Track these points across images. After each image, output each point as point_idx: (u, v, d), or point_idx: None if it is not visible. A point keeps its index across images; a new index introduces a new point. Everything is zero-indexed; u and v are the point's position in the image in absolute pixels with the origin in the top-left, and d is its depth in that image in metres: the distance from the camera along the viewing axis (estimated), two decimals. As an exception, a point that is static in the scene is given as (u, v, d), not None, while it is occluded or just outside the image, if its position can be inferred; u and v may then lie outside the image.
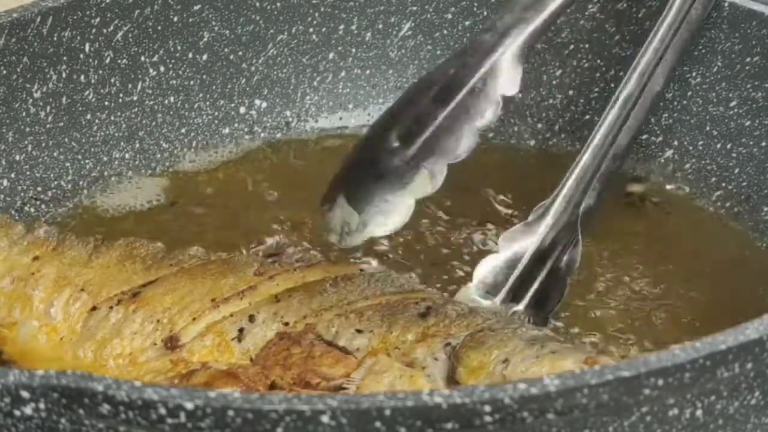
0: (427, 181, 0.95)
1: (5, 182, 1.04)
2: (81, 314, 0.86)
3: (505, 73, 0.98)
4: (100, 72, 1.08)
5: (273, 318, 0.83)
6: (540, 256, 0.96)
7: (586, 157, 1.00)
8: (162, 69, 1.11)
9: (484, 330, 0.80)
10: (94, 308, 0.86)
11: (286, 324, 0.83)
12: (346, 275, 0.86)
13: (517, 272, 0.95)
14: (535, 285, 0.94)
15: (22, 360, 0.85)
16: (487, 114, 0.97)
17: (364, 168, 0.97)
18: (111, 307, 0.85)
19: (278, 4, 1.13)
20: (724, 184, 1.06)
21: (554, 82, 1.14)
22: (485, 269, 0.95)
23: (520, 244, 0.97)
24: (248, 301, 0.84)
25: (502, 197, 1.06)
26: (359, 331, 0.81)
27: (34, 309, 0.87)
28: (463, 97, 0.97)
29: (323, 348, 0.80)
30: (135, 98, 1.10)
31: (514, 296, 0.94)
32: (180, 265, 0.88)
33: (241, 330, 0.83)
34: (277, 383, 0.78)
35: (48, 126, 1.06)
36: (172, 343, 0.83)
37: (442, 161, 0.96)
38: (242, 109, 1.15)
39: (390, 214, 0.95)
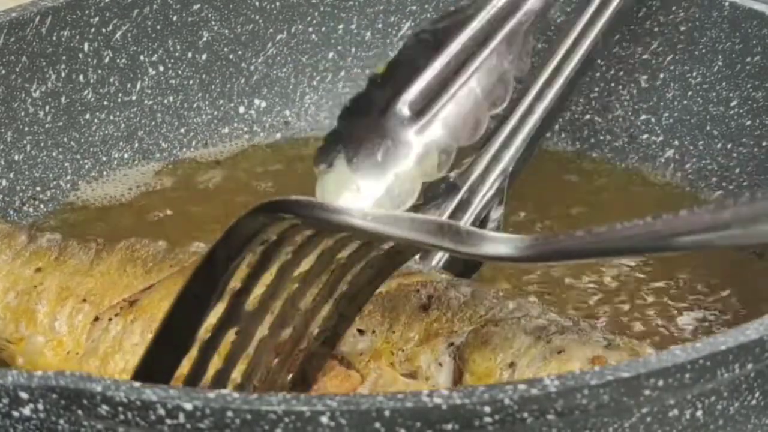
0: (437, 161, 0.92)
1: (4, 182, 1.04)
2: (84, 326, 0.84)
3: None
4: (99, 71, 1.08)
5: None
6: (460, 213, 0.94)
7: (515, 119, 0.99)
8: (161, 68, 1.11)
9: (487, 324, 0.79)
10: (96, 319, 0.84)
11: None
12: None
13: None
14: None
15: None
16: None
17: (369, 130, 0.94)
18: (110, 319, 0.83)
19: (277, 4, 1.13)
20: (724, 184, 1.06)
21: (554, 82, 1.14)
22: None
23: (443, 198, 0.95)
24: None
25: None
26: (361, 332, 0.80)
27: (38, 324, 0.85)
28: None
29: (327, 362, 0.79)
30: (134, 98, 1.10)
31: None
32: (180, 265, 0.86)
33: None
34: None
35: (47, 126, 1.06)
36: None
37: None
38: (241, 109, 1.14)
39: (398, 192, 0.92)
